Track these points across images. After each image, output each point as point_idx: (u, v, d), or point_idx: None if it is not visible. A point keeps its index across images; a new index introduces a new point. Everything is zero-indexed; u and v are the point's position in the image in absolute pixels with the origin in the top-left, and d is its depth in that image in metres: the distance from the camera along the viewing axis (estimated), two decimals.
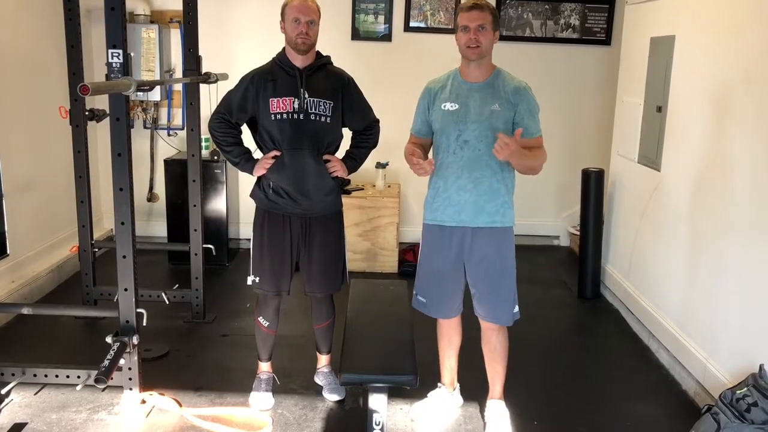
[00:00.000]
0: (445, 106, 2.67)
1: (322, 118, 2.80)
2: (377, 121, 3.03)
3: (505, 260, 2.74)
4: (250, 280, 2.96)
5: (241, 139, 2.92)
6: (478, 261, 2.72)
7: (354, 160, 2.98)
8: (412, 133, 2.86)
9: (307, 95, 2.78)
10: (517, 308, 2.79)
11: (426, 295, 2.86)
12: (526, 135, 2.60)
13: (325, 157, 2.86)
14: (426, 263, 2.85)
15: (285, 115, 2.77)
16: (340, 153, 2.98)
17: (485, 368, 2.94)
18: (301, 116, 2.78)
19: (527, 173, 2.64)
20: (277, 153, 2.81)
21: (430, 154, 2.81)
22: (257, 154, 2.93)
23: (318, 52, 2.88)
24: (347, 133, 3.00)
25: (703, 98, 3.33)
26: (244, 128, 2.96)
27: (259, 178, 2.89)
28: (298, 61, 2.81)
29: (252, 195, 2.95)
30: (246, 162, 2.88)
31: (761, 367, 2.60)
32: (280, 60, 2.84)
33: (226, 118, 2.85)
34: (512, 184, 2.74)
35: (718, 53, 3.23)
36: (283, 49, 2.86)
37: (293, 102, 2.77)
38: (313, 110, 2.78)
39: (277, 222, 2.88)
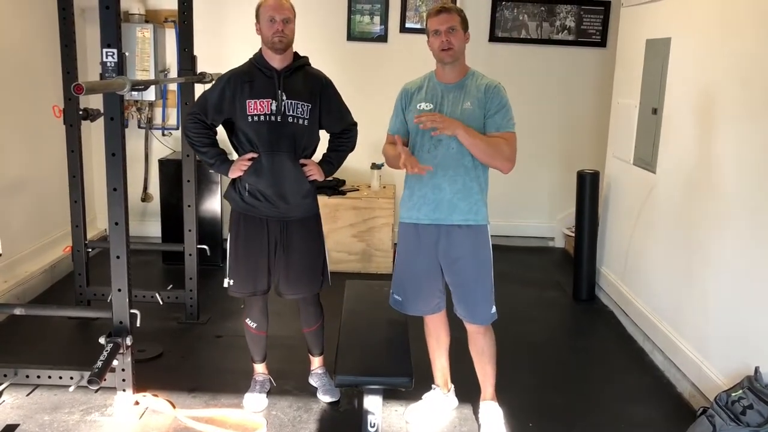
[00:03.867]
0: (420, 106, 2.71)
1: (300, 121, 2.77)
2: (355, 124, 2.99)
3: (481, 259, 2.74)
4: (226, 282, 2.92)
5: (216, 140, 2.87)
6: (453, 260, 2.74)
7: (330, 164, 2.95)
8: (390, 134, 2.85)
9: (284, 97, 2.75)
10: (494, 309, 2.79)
11: (401, 293, 2.87)
12: (493, 129, 2.64)
13: (302, 161, 2.83)
14: (402, 261, 2.87)
15: (262, 117, 2.74)
16: (317, 156, 2.94)
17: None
18: (279, 118, 2.74)
19: (488, 162, 2.65)
20: (254, 155, 2.77)
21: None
22: (233, 155, 2.89)
23: (296, 53, 2.85)
24: (324, 136, 2.96)
25: (699, 100, 3.33)
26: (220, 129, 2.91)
27: (234, 180, 2.85)
28: (276, 61, 2.77)
29: (226, 196, 2.91)
30: (222, 163, 2.83)
31: (756, 369, 2.61)
32: (257, 61, 2.80)
33: (201, 119, 2.80)
34: (486, 184, 2.76)
35: (713, 56, 3.23)
36: (260, 50, 2.82)
37: (270, 104, 2.74)
38: (291, 112, 2.75)
39: (254, 224, 2.85)
